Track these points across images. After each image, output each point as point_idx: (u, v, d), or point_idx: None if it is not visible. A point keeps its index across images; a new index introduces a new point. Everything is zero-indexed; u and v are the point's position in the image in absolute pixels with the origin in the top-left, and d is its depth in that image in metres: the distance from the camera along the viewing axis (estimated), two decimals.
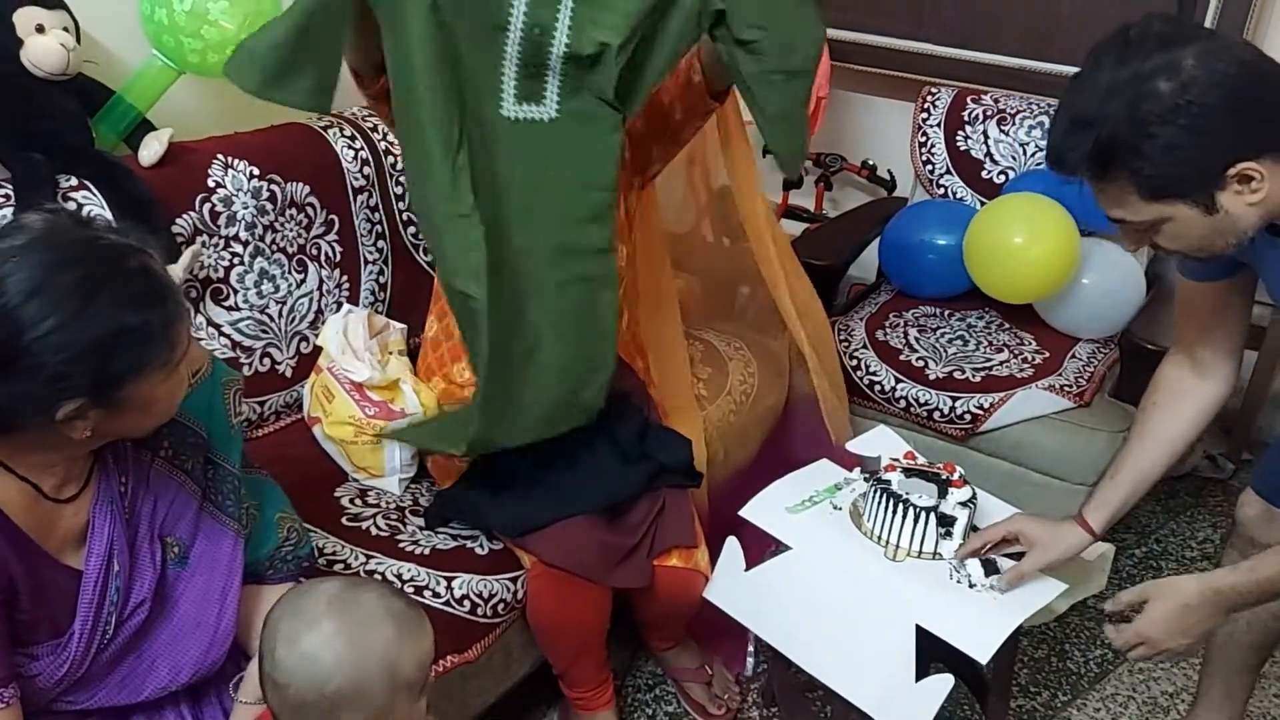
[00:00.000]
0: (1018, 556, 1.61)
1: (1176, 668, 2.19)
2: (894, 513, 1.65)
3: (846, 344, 2.45)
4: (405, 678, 1.11)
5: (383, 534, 1.70)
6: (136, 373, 1.05)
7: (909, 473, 1.72)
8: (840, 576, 1.65)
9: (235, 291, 1.86)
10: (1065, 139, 1.26)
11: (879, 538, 1.67)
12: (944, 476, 1.71)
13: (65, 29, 1.65)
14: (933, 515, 1.63)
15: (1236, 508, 1.75)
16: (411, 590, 1.58)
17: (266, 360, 1.91)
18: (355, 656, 1.08)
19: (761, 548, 1.76)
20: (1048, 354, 2.39)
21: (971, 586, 1.59)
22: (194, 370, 1.20)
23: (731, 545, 1.74)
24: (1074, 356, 2.39)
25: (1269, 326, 2.72)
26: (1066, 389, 2.25)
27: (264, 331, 1.90)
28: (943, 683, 1.50)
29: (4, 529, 1.08)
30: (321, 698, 1.07)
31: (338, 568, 1.60)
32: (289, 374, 1.94)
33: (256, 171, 1.89)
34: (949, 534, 1.65)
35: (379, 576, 1.60)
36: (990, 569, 1.61)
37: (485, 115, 1.49)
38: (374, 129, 2.13)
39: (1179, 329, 1.63)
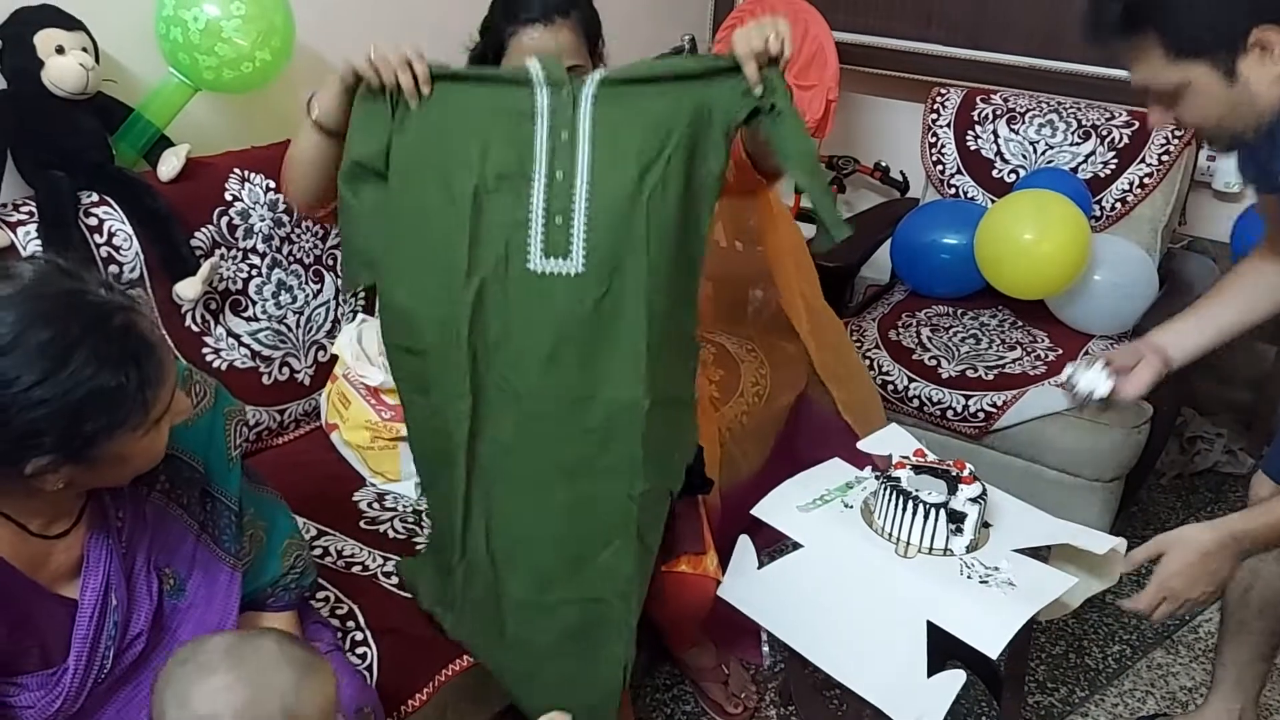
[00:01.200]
0: (1041, 556, 1.62)
1: (1195, 662, 2.19)
2: (904, 510, 1.66)
3: (860, 344, 2.47)
4: (317, 716, 1.08)
5: (399, 536, 1.72)
6: (109, 433, 1.02)
7: (918, 469, 1.73)
8: (852, 573, 1.66)
9: (254, 302, 1.90)
10: (1099, 2, 1.36)
11: (890, 535, 1.68)
12: (953, 473, 1.72)
13: (84, 49, 1.69)
14: (943, 511, 1.64)
15: (1249, 488, 1.77)
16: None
17: (285, 369, 1.94)
18: (252, 708, 1.03)
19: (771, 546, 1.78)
20: (1061, 351, 2.40)
21: (983, 582, 1.60)
22: (179, 420, 1.15)
23: (744, 544, 1.75)
24: (1087, 353, 2.39)
25: None
26: None
27: (282, 341, 1.94)
28: (954, 678, 1.51)
29: None
30: None
31: (355, 569, 1.63)
32: (307, 382, 1.98)
33: (272, 184, 1.93)
34: (959, 530, 1.66)
35: (396, 578, 1.63)
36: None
37: (510, 270, 1.46)
38: None
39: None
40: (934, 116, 2.84)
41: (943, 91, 2.86)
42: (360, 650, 1.47)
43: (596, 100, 1.45)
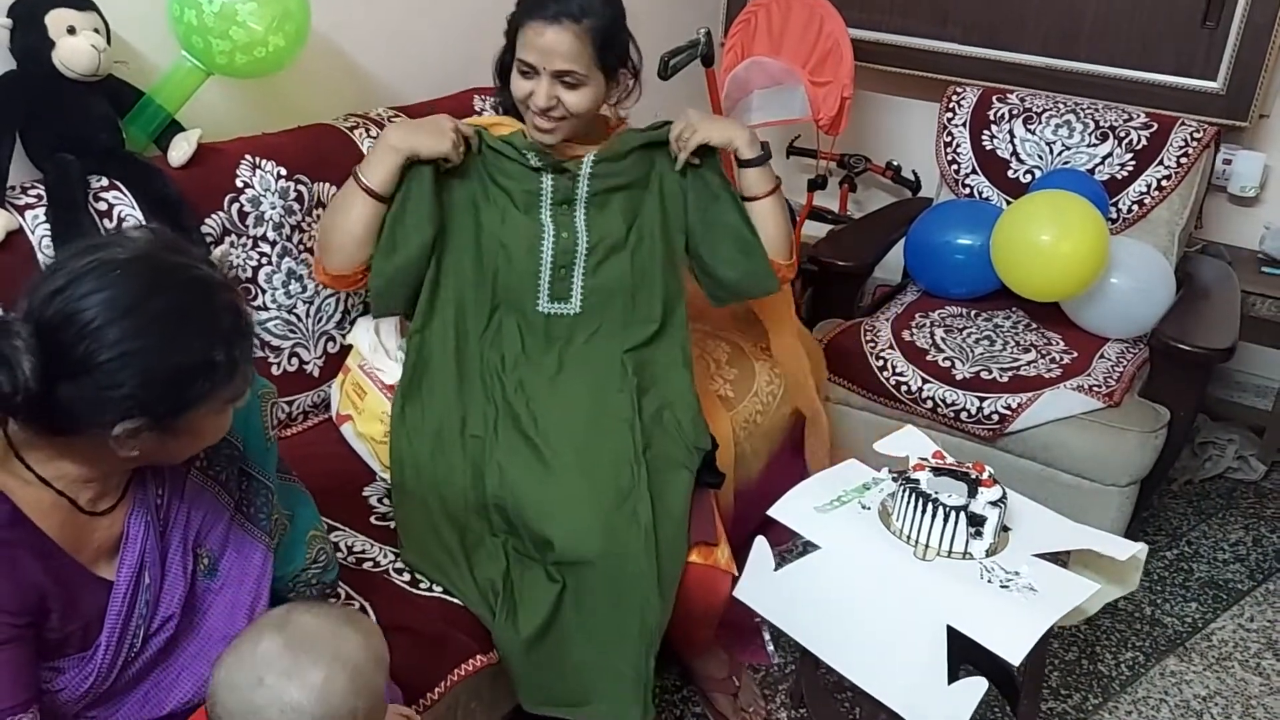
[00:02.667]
0: (1059, 560, 1.60)
1: (1209, 671, 2.17)
2: (924, 512, 1.63)
3: (873, 345, 2.44)
4: (387, 661, 1.12)
5: None
6: (204, 402, 1.06)
7: (938, 472, 1.70)
8: (870, 576, 1.63)
9: (263, 291, 1.87)
10: None
11: (908, 537, 1.66)
12: (973, 476, 1.69)
13: (96, 30, 1.66)
14: (963, 514, 1.61)
15: None
16: (440, 590, 1.58)
17: (294, 360, 1.91)
18: (356, 683, 1.05)
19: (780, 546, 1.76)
20: (1076, 354, 2.37)
21: (1004, 587, 1.58)
22: (238, 405, 1.18)
23: (761, 545, 1.72)
24: (1102, 356, 2.37)
25: None
26: (1095, 389, 2.23)
27: (292, 331, 1.91)
28: (976, 685, 1.48)
29: (36, 545, 1.07)
30: None
31: (366, 565, 1.61)
32: (316, 373, 1.95)
33: (284, 172, 1.89)
34: (979, 533, 1.63)
35: (408, 575, 1.60)
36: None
37: (525, 310, 1.82)
38: None
39: None
40: (949, 115, 2.81)
41: (959, 90, 2.84)
42: None
43: (591, 177, 1.80)
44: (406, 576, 1.60)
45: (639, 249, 1.85)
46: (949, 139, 2.80)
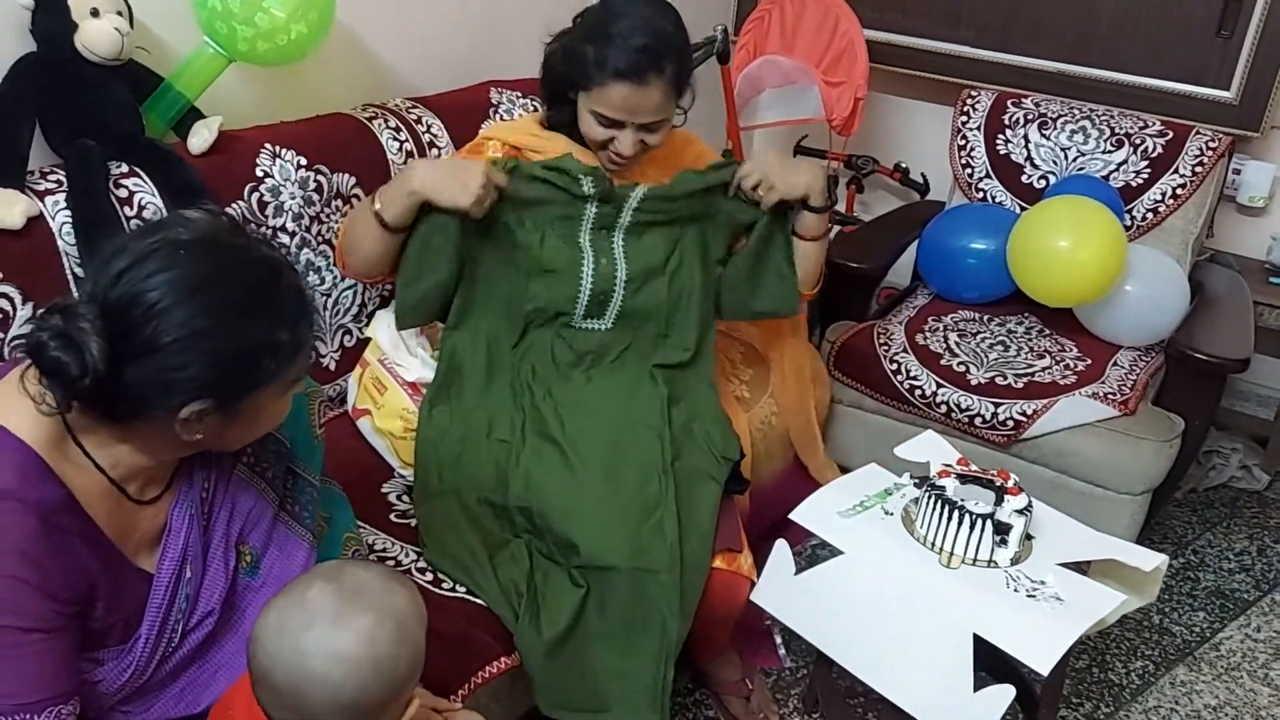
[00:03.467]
0: (1079, 569, 1.59)
1: (1218, 681, 2.17)
2: (949, 519, 1.62)
3: (887, 348, 2.43)
4: (426, 619, 1.11)
5: None
6: (269, 383, 1.06)
7: (964, 479, 1.70)
8: (894, 582, 1.63)
9: None
10: None
11: (933, 544, 1.65)
12: (999, 483, 1.69)
13: (119, 13, 1.63)
14: (989, 522, 1.61)
15: None
16: (463, 590, 1.56)
17: (311, 353, 1.88)
18: (402, 633, 1.05)
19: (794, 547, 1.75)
20: (1090, 361, 2.37)
21: (1030, 596, 1.57)
22: (297, 391, 1.19)
23: (781, 549, 1.71)
24: (1116, 364, 2.36)
25: None
26: (1110, 397, 2.23)
27: None
28: (1004, 693, 1.48)
29: (89, 534, 1.06)
30: (396, 683, 1.05)
31: (388, 564, 1.58)
32: (333, 367, 1.92)
33: (304, 162, 1.87)
34: (1004, 541, 1.63)
35: (430, 574, 1.58)
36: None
37: (558, 326, 1.80)
38: (418, 120, 2.11)
39: None
40: (964, 119, 2.80)
41: (973, 94, 2.83)
42: None
43: (637, 210, 1.76)
44: (429, 576, 1.58)
45: (678, 274, 1.82)
46: (963, 142, 2.79)
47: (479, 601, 1.56)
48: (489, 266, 1.75)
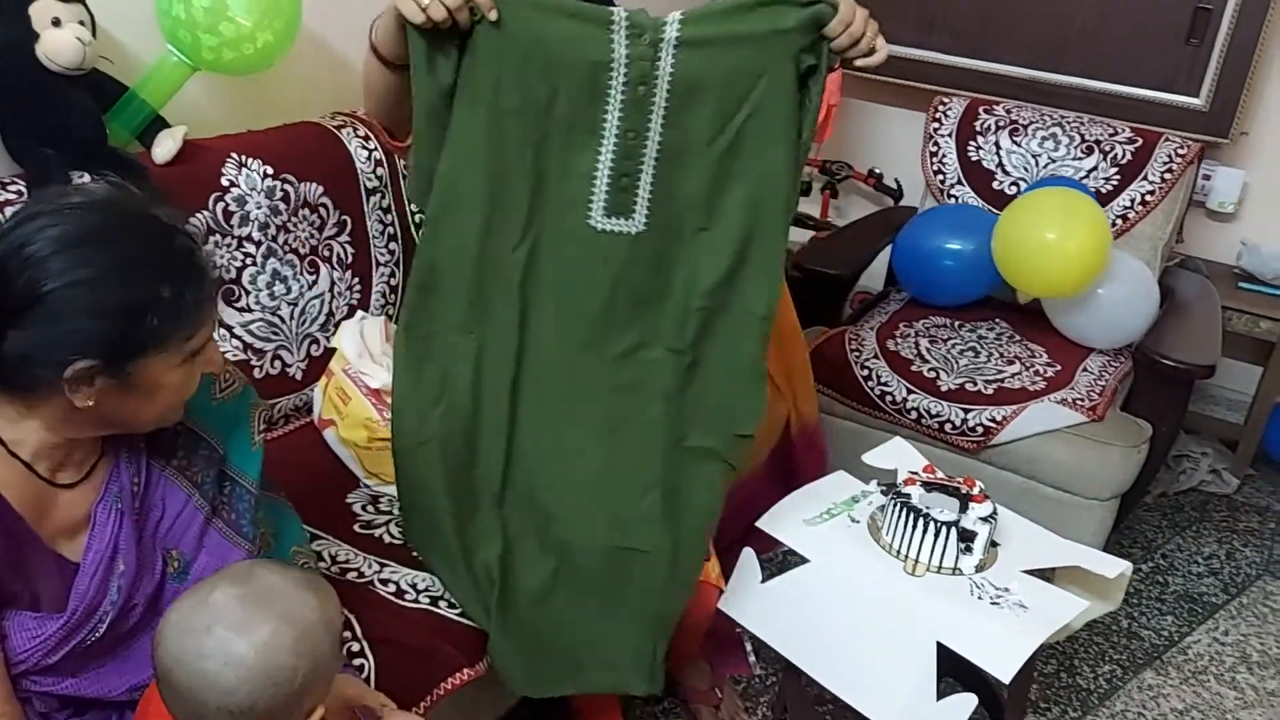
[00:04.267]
0: (1044, 576, 1.60)
1: (1185, 684, 2.18)
2: (914, 527, 1.63)
3: (858, 353, 2.44)
4: (339, 630, 1.10)
5: (396, 541, 1.66)
6: (157, 345, 1.05)
7: (929, 487, 1.70)
8: (859, 590, 1.63)
9: (247, 292, 1.83)
10: None
11: (898, 552, 1.65)
12: (964, 491, 1.70)
13: (81, 23, 1.62)
14: (954, 530, 1.61)
15: None
16: (427, 600, 1.56)
17: (277, 363, 1.88)
18: (303, 644, 1.04)
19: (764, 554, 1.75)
20: (1059, 367, 2.38)
21: (994, 603, 1.58)
22: (209, 371, 1.17)
23: (748, 557, 1.72)
24: (1085, 370, 2.38)
25: (1276, 342, 2.72)
26: (1079, 402, 2.24)
27: (275, 333, 1.87)
28: (966, 702, 1.48)
29: None
30: (291, 694, 1.03)
31: (350, 576, 1.58)
32: (299, 377, 1.91)
33: (270, 171, 1.86)
34: (969, 549, 1.63)
35: (393, 585, 1.57)
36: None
37: (568, 223, 1.47)
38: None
39: None
40: (936, 125, 2.82)
41: (945, 100, 2.84)
42: (357, 661, 1.42)
43: (678, 49, 1.39)
44: (392, 588, 1.57)
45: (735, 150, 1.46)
46: (935, 149, 2.81)
47: (442, 612, 1.55)
48: (478, 158, 1.42)
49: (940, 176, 2.79)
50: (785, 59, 1.42)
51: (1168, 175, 2.55)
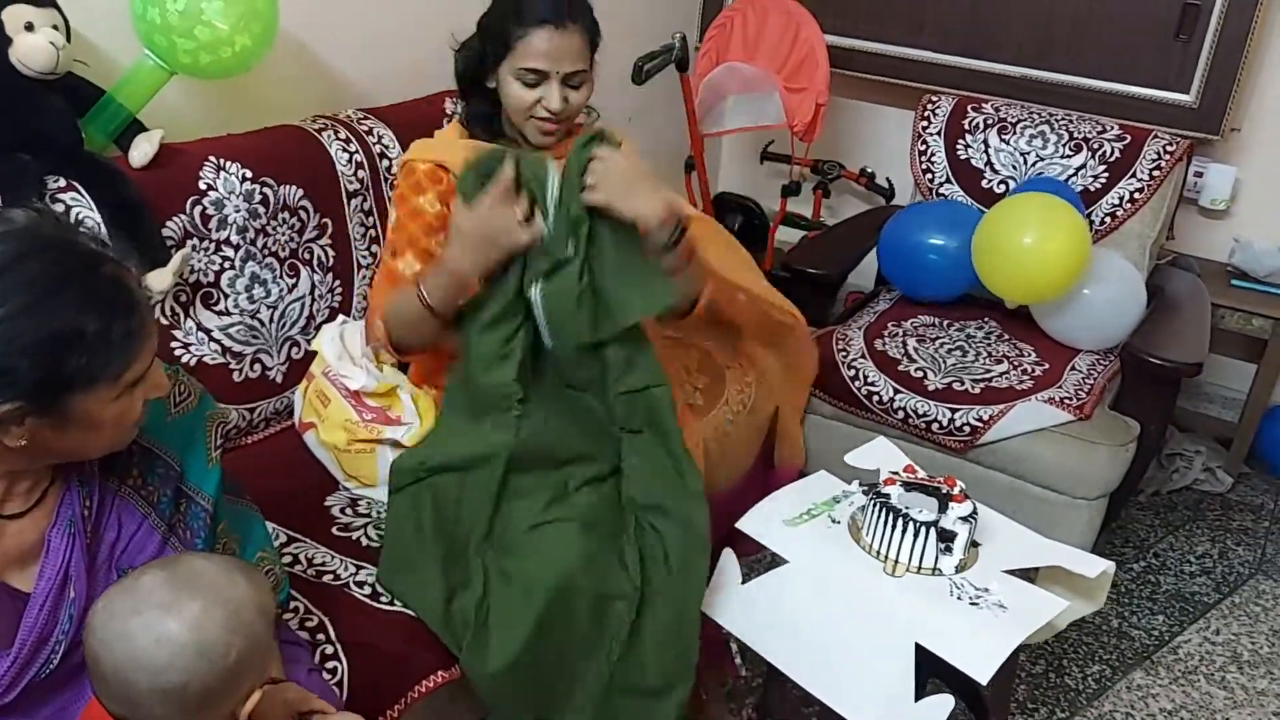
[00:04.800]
0: (1028, 575, 1.59)
1: (1174, 684, 2.17)
2: (894, 527, 1.62)
3: (845, 353, 2.43)
4: (273, 614, 1.08)
5: (374, 545, 1.66)
6: (86, 383, 0.99)
7: (909, 486, 1.69)
8: (838, 591, 1.62)
9: (226, 296, 1.83)
10: None
11: (878, 552, 1.64)
12: (944, 491, 1.69)
13: (55, 27, 1.62)
14: (933, 530, 1.60)
15: None
16: (400, 604, 1.55)
17: (257, 366, 1.88)
18: (235, 621, 1.01)
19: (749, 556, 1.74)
20: (1047, 366, 2.37)
21: (973, 604, 1.57)
22: (154, 396, 1.12)
23: (728, 558, 1.71)
24: (1073, 369, 2.37)
25: (1269, 340, 2.71)
26: (1066, 401, 2.23)
27: (255, 337, 1.87)
28: (944, 703, 1.47)
29: None
30: (225, 671, 1.01)
31: (326, 579, 1.57)
32: (279, 380, 1.91)
33: (249, 174, 1.86)
34: (949, 549, 1.62)
35: (369, 588, 1.57)
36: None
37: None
38: (369, 131, 2.10)
39: None
40: (924, 124, 2.81)
41: (934, 99, 2.83)
42: (330, 664, 1.41)
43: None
44: (367, 590, 1.56)
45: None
46: (923, 147, 2.80)
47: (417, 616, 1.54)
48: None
49: (929, 175, 2.78)
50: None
51: (1156, 173, 2.54)
